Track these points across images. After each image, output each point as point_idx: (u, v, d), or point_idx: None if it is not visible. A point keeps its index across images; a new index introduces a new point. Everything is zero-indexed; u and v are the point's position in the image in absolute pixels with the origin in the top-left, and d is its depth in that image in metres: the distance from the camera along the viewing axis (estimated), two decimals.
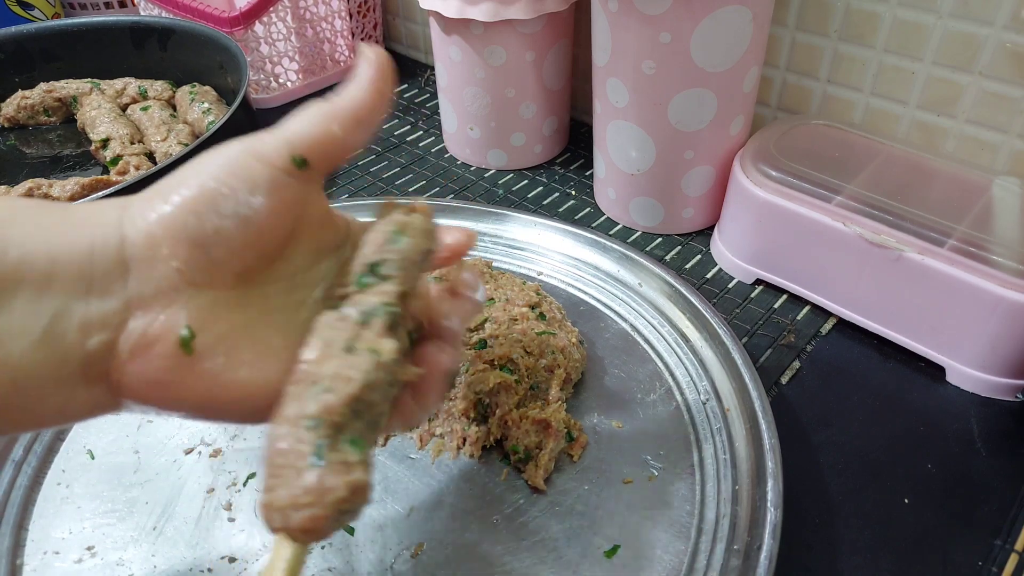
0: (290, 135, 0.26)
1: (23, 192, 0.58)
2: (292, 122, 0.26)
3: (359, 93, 0.27)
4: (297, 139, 0.26)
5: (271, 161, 0.25)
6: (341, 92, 0.27)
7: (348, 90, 0.27)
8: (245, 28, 0.73)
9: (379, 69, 0.28)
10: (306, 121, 0.26)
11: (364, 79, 0.27)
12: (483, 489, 0.40)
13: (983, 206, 0.47)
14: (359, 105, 0.27)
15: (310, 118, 0.26)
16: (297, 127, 0.26)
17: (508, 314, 0.46)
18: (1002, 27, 0.49)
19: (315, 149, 0.26)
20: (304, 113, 0.27)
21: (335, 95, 0.27)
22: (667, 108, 0.52)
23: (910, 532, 0.39)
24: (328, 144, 0.26)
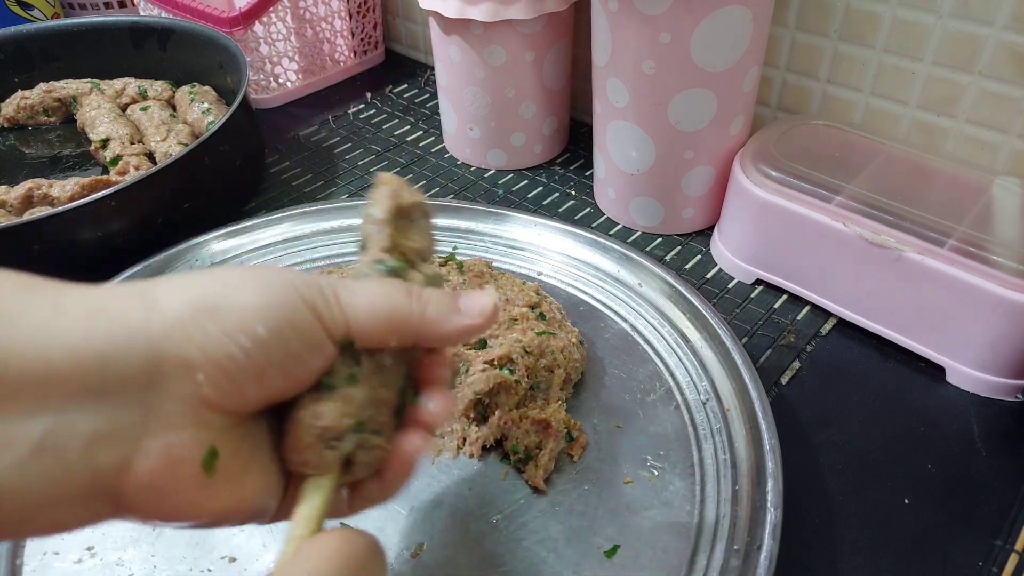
0: (352, 317, 0.25)
1: (23, 192, 0.58)
2: (363, 296, 0.25)
3: (443, 328, 0.27)
4: (357, 326, 0.25)
5: (327, 328, 0.24)
6: (431, 305, 0.26)
7: (439, 310, 0.26)
8: (245, 28, 0.73)
9: (480, 325, 0.27)
10: (376, 315, 0.25)
11: (460, 322, 0.27)
12: (483, 489, 0.40)
13: (983, 206, 0.47)
14: (432, 334, 0.26)
15: (382, 313, 0.25)
16: (363, 314, 0.25)
17: (508, 314, 0.46)
18: (1002, 27, 0.49)
19: (365, 340, 0.25)
20: (381, 297, 0.26)
21: (422, 299, 0.26)
22: (667, 108, 0.52)
23: (910, 532, 0.39)
24: (378, 343, 0.26)
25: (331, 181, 0.68)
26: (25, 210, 0.58)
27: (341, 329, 0.25)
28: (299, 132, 0.76)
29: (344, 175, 0.69)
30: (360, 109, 0.80)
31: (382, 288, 0.26)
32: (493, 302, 0.28)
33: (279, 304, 0.23)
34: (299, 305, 0.24)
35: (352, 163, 0.71)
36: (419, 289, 0.27)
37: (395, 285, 0.26)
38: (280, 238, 0.57)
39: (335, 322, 0.24)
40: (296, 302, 0.24)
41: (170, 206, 0.56)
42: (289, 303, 0.24)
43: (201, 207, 0.58)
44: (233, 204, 0.64)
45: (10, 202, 0.58)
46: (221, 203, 0.62)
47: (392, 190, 0.29)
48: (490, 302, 0.28)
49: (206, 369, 0.22)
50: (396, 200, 0.29)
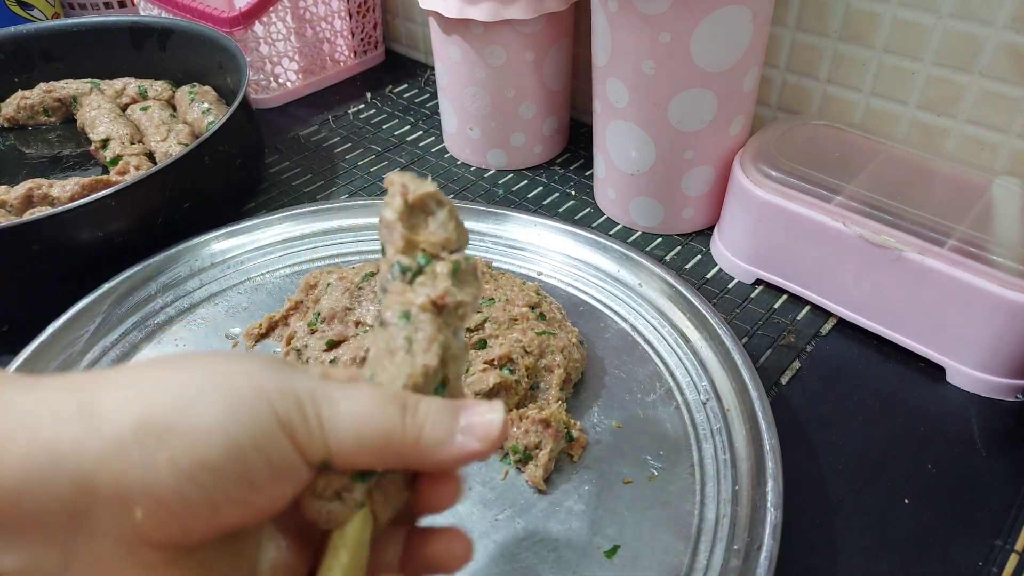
0: (334, 441, 0.20)
1: (23, 192, 0.58)
2: (349, 416, 0.21)
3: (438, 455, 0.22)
4: (340, 451, 0.21)
5: (304, 453, 0.20)
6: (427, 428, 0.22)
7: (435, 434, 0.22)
8: (245, 28, 0.73)
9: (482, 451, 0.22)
10: (363, 439, 0.21)
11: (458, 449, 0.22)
12: (483, 489, 0.40)
13: (983, 206, 0.47)
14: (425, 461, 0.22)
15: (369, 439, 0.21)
16: (348, 438, 0.21)
17: (508, 314, 0.46)
18: (1002, 27, 0.49)
19: (346, 466, 0.21)
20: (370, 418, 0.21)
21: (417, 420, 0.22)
22: (667, 108, 0.52)
23: (910, 532, 0.39)
24: (362, 466, 0.21)
25: (331, 181, 0.68)
26: (25, 210, 0.58)
27: (320, 455, 0.20)
28: (299, 132, 0.76)
29: (344, 175, 0.69)
30: (360, 109, 0.80)
31: (372, 405, 0.21)
32: (501, 420, 0.23)
33: (246, 425, 0.19)
34: (271, 426, 0.20)
35: (352, 163, 0.71)
36: (413, 402, 0.22)
37: (387, 400, 0.22)
38: (280, 238, 0.57)
39: (313, 445, 0.20)
40: (267, 422, 0.20)
41: (170, 206, 0.56)
42: (258, 424, 0.19)
43: (201, 207, 0.58)
44: (233, 204, 0.64)
45: (10, 202, 0.58)
46: (221, 203, 0.62)
47: (400, 186, 0.28)
48: (497, 420, 0.22)
49: (146, 505, 0.18)
50: (404, 196, 0.27)
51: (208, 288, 0.54)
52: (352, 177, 0.68)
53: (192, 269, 0.54)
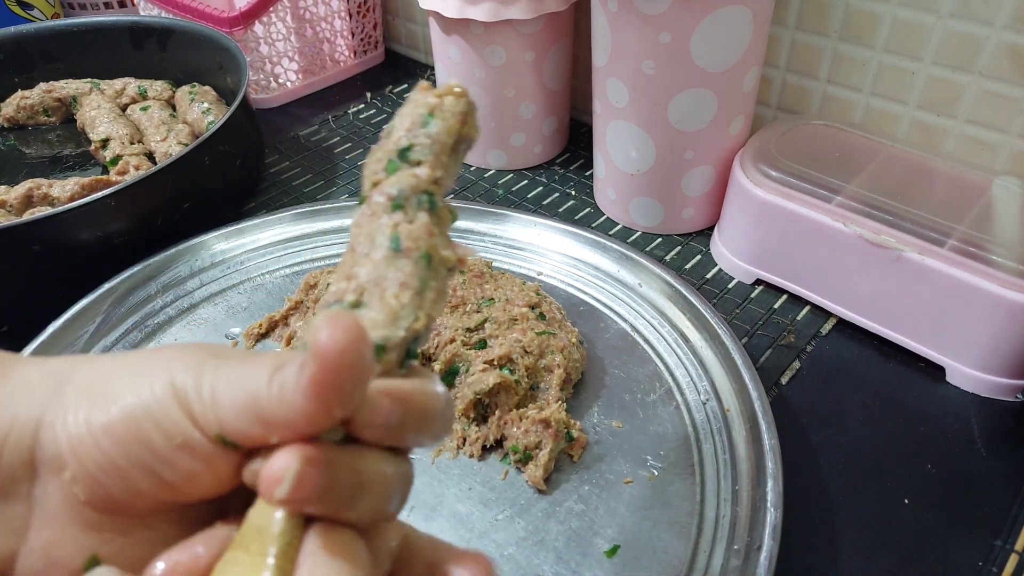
0: (221, 411, 0.19)
1: (23, 192, 0.58)
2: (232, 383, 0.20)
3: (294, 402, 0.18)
4: (226, 423, 0.19)
5: (198, 423, 0.20)
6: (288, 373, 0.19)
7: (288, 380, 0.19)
8: (245, 28, 0.73)
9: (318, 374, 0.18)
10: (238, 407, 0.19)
11: (298, 384, 0.18)
12: (483, 489, 0.40)
13: (983, 206, 0.47)
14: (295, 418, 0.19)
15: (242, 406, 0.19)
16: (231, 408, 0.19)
17: (508, 314, 0.46)
18: (1002, 27, 0.49)
19: (246, 442, 0.20)
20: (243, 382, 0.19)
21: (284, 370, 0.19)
22: (667, 108, 0.52)
23: (910, 532, 0.39)
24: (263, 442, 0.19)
25: (331, 181, 0.68)
26: (25, 210, 0.58)
27: (212, 426, 0.19)
28: (299, 132, 0.76)
29: (344, 175, 0.69)
30: (360, 109, 0.80)
31: (247, 367, 0.20)
32: (324, 319, 0.18)
33: (145, 392, 0.20)
34: (165, 394, 0.20)
35: (352, 163, 0.71)
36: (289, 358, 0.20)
37: (261, 362, 0.20)
38: (280, 238, 0.57)
39: (205, 416, 0.19)
40: (162, 391, 0.20)
41: (170, 206, 0.56)
42: (153, 393, 0.20)
43: (201, 207, 0.58)
44: (233, 204, 0.64)
45: (10, 202, 0.58)
46: (221, 203, 0.62)
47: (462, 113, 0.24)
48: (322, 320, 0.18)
49: (72, 465, 0.20)
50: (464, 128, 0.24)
51: (208, 288, 0.54)
52: (352, 177, 0.68)
53: (192, 269, 0.54)
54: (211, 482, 0.20)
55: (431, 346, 0.45)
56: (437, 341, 0.45)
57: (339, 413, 0.19)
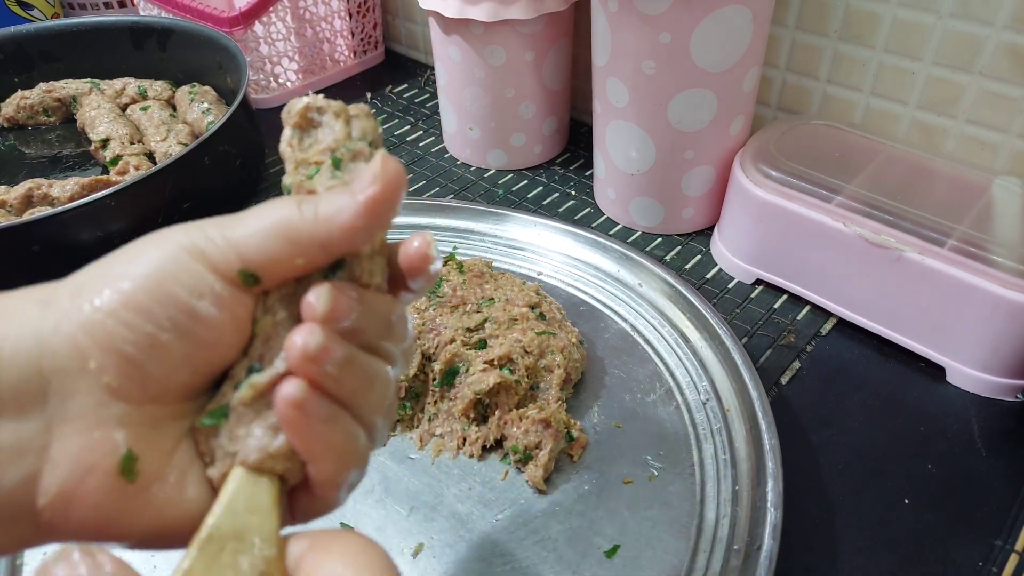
0: (242, 245, 0.21)
1: (23, 192, 0.58)
2: (249, 222, 0.21)
3: (340, 218, 0.21)
4: (249, 253, 0.21)
5: (217, 268, 0.21)
6: (322, 202, 0.22)
7: (331, 204, 0.21)
8: (245, 28, 0.73)
9: (380, 193, 0.21)
10: (265, 233, 0.21)
11: (355, 202, 0.21)
12: (483, 489, 0.40)
13: (983, 206, 0.47)
14: (334, 233, 0.21)
15: (270, 230, 0.21)
16: (252, 238, 0.21)
17: (508, 314, 0.46)
18: (1002, 27, 0.49)
19: (268, 269, 0.21)
20: (266, 214, 0.21)
21: (313, 202, 0.22)
22: (667, 108, 0.52)
23: (910, 532, 0.39)
24: (285, 268, 0.21)
25: None
26: (25, 210, 0.58)
27: (234, 264, 0.21)
28: None
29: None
30: None
31: (268, 206, 0.22)
32: (380, 158, 0.22)
33: (155, 259, 0.20)
34: (178, 253, 0.20)
35: None
36: (308, 197, 0.22)
37: (281, 200, 0.22)
38: None
39: (224, 257, 0.21)
40: (174, 251, 0.20)
41: (170, 206, 0.56)
42: (168, 255, 0.20)
43: (201, 207, 0.58)
44: (233, 204, 0.64)
45: (10, 202, 0.58)
46: (221, 203, 0.62)
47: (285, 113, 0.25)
48: (377, 162, 0.22)
49: (96, 355, 0.19)
50: (285, 122, 0.25)
51: None
52: None
53: None
54: (235, 331, 0.21)
55: (431, 346, 0.45)
56: (437, 341, 0.45)
57: (379, 233, 0.22)
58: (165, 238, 0.21)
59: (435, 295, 0.48)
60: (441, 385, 0.43)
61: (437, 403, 0.44)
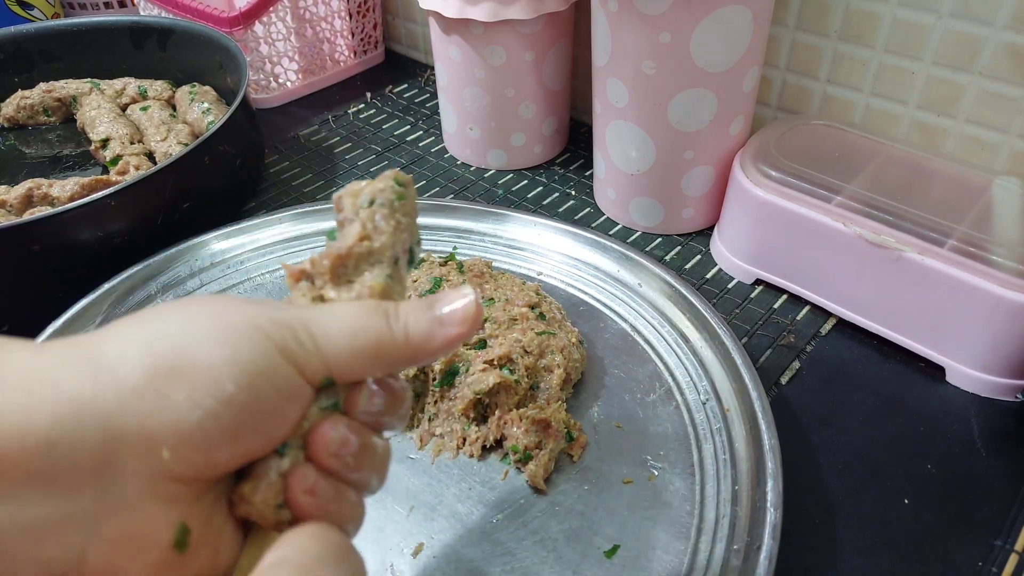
0: (331, 356, 0.22)
1: (23, 192, 0.58)
2: (340, 334, 0.22)
3: (430, 346, 0.24)
4: (339, 365, 0.22)
5: (305, 374, 0.22)
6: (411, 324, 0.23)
7: (420, 328, 0.24)
8: (245, 28, 0.73)
9: (466, 333, 0.24)
10: (356, 348, 0.22)
11: (445, 335, 0.24)
12: (483, 489, 0.40)
13: (983, 206, 0.47)
14: (420, 357, 0.24)
15: (363, 348, 0.22)
16: (344, 352, 0.22)
17: (508, 314, 0.46)
18: (1002, 27, 0.49)
19: (348, 377, 0.23)
20: (359, 329, 0.23)
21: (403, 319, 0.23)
22: (667, 108, 0.52)
23: (910, 532, 0.39)
24: (362, 377, 0.23)
25: (331, 181, 0.68)
26: (25, 210, 0.58)
27: (320, 372, 0.22)
28: (299, 132, 0.76)
29: (344, 175, 0.69)
30: (360, 109, 0.80)
31: (359, 318, 0.23)
32: (471, 301, 0.25)
33: (250, 356, 0.21)
34: (272, 354, 0.21)
35: (352, 163, 0.71)
36: (393, 308, 0.24)
37: (370, 311, 0.23)
38: (280, 238, 0.57)
39: (313, 366, 0.22)
40: (269, 351, 0.21)
41: (170, 206, 0.56)
42: (261, 353, 0.21)
43: (201, 207, 0.58)
44: (233, 204, 0.64)
45: (10, 202, 0.58)
46: (221, 203, 0.62)
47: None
48: (470, 303, 0.24)
49: (171, 443, 0.19)
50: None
51: (208, 288, 0.54)
52: (352, 177, 0.68)
53: (192, 269, 0.54)
54: (296, 422, 0.22)
55: None
56: None
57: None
58: (252, 326, 0.21)
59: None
60: (441, 385, 0.43)
61: (437, 403, 0.44)
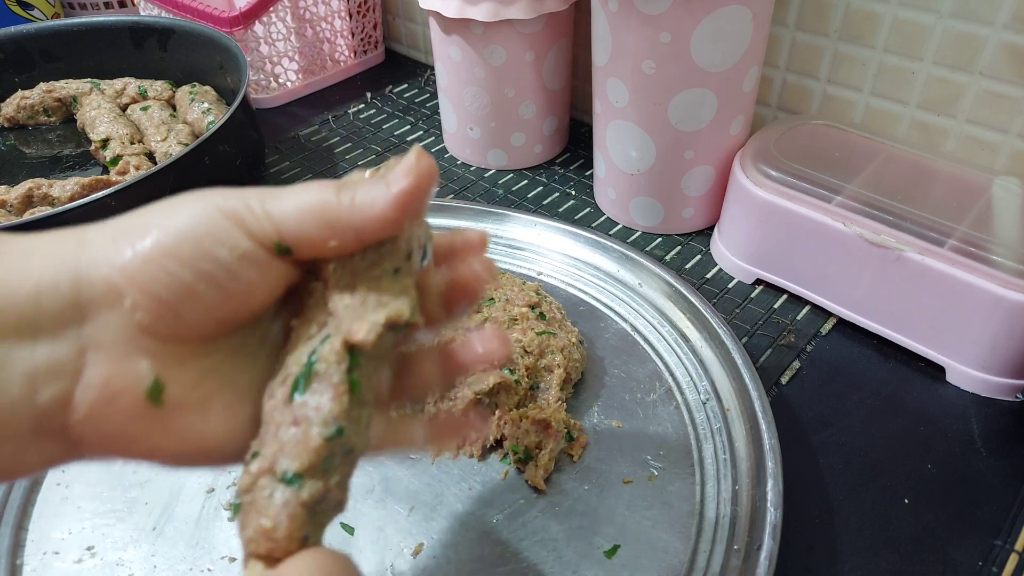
0: (279, 220, 0.23)
1: (23, 192, 0.58)
2: (289, 199, 0.23)
3: (375, 208, 0.23)
4: (286, 228, 0.23)
5: (255, 235, 0.22)
6: (359, 191, 0.23)
7: (367, 193, 0.23)
8: (245, 28, 0.73)
9: (413, 186, 0.23)
10: (303, 212, 0.23)
11: (388, 193, 0.23)
12: (483, 489, 0.40)
13: (983, 206, 0.47)
14: (370, 221, 0.23)
15: (309, 211, 0.23)
16: (290, 215, 0.23)
17: (508, 314, 0.46)
18: (1002, 27, 0.49)
19: (302, 245, 0.23)
20: (307, 195, 0.23)
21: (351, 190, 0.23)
22: (667, 108, 0.52)
23: (910, 532, 0.39)
24: (318, 248, 0.23)
25: None
26: (25, 210, 0.58)
27: (271, 236, 0.23)
28: (299, 132, 0.76)
29: (344, 175, 0.69)
30: (360, 109, 0.80)
31: (309, 188, 0.24)
32: (415, 152, 0.23)
33: (196, 217, 0.22)
34: (218, 216, 0.22)
35: (352, 163, 0.70)
36: (350, 184, 0.24)
37: (323, 184, 0.24)
38: None
39: (262, 228, 0.22)
40: (214, 214, 0.22)
41: None
42: (207, 216, 0.22)
43: None
44: None
45: (10, 202, 0.58)
46: None
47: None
48: (413, 155, 0.23)
49: (132, 294, 0.21)
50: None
51: None
52: None
53: None
54: (265, 291, 0.23)
55: None
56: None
57: (408, 223, 0.24)
58: (205, 199, 0.23)
59: None
60: None
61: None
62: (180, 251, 0.21)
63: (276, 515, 0.21)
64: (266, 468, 0.22)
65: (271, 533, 0.21)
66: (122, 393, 0.22)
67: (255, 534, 0.21)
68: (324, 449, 0.22)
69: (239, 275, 0.22)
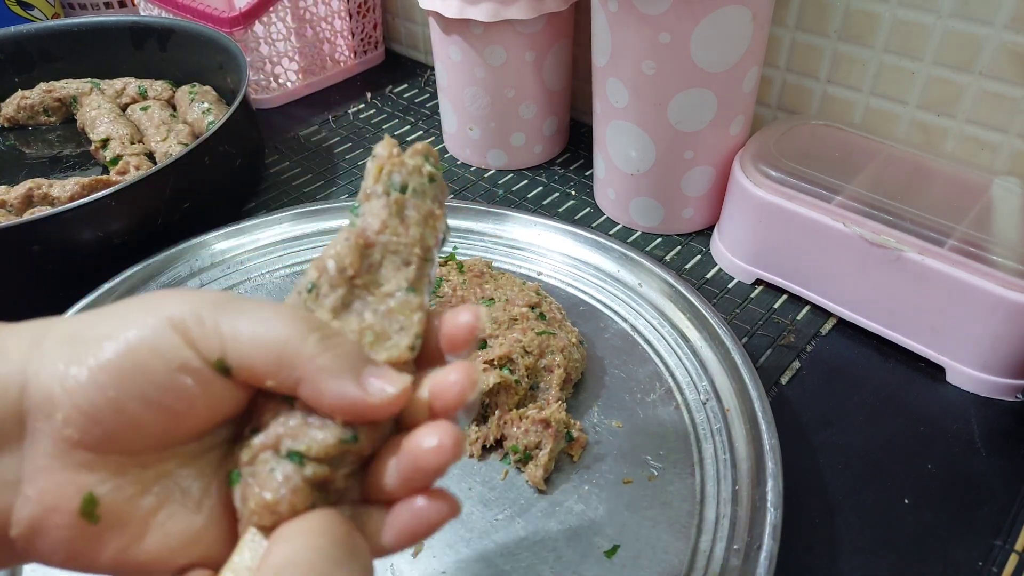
0: (229, 338, 0.21)
1: (23, 192, 0.58)
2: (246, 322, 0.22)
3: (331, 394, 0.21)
4: (233, 351, 0.21)
5: (196, 347, 0.21)
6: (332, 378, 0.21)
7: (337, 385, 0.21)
8: (245, 28, 0.73)
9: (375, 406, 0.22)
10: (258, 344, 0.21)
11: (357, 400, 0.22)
12: (483, 489, 0.40)
13: (983, 206, 0.47)
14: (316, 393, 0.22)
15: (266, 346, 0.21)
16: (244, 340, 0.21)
17: (508, 314, 0.46)
18: (1002, 27, 0.49)
19: (242, 373, 0.21)
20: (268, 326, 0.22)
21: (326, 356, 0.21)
22: (667, 108, 0.52)
23: (910, 532, 0.39)
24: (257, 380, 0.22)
25: (331, 181, 0.68)
26: (25, 210, 0.58)
27: (213, 352, 0.21)
28: (299, 132, 0.76)
29: (344, 175, 0.69)
30: (360, 109, 0.80)
31: (279, 315, 0.22)
32: (403, 387, 0.22)
33: (143, 329, 0.21)
34: (161, 326, 0.21)
35: (352, 163, 0.71)
36: (331, 330, 0.22)
37: (299, 319, 0.22)
38: (280, 238, 0.57)
39: (207, 342, 0.21)
40: (158, 323, 0.21)
41: (170, 206, 0.56)
42: (153, 327, 0.21)
43: (201, 207, 0.58)
44: (233, 204, 0.64)
45: (10, 202, 0.58)
46: (221, 203, 0.62)
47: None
48: (400, 386, 0.22)
49: (65, 409, 0.20)
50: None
51: (208, 288, 0.54)
52: (352, 177, 0.68)
53: (192, 269, 0.54)
54: (206, 408, 0.22)
55: None
56: None
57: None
58: (159, 308, 0.22)
59: (435, 295, 0.48)
60: None
61: None
62: (115, 366, 0.20)
63: (277, 488, 0.21)
64: (269, 444, 0.22)
65: (274, 507, 0.21)
66: (57, 509, 0.20)
67: (257, 507, 0.21)
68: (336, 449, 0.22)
69: (173, 388, 0.21)
